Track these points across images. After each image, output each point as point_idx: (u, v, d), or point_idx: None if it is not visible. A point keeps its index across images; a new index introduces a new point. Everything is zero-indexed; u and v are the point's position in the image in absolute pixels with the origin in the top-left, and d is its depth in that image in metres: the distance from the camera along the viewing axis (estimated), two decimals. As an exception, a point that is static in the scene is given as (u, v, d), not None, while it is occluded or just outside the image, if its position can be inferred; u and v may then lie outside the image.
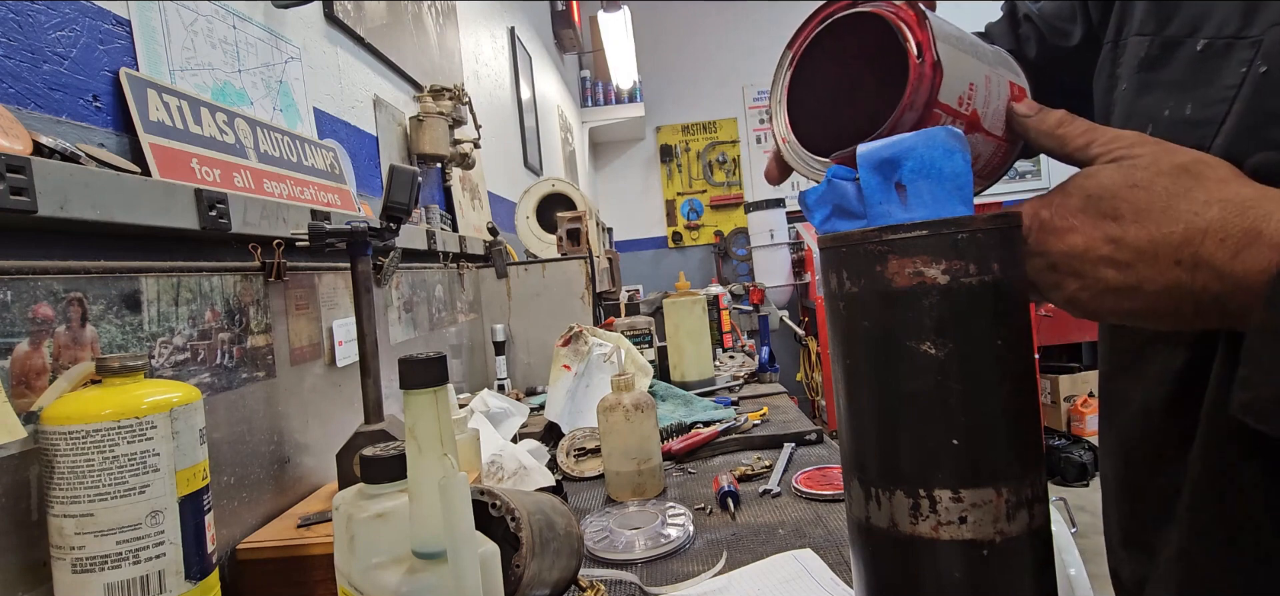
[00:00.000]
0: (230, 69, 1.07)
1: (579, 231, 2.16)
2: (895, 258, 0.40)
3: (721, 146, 6.32)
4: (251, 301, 0.95)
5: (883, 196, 0.44)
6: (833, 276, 0.44)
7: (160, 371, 0.78)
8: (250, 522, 0.90)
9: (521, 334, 2.06)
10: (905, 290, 0.40)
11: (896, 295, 0.40)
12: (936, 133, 0.43)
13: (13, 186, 0.59)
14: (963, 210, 0.43)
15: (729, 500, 1.03)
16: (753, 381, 2.09)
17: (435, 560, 0.48)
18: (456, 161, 1.98)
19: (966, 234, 0.40)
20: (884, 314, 0.41)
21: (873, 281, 0.41)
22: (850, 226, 0.45)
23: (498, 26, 3.13)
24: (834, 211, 0.46)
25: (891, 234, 0.41)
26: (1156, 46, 0.53)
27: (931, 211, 0.43)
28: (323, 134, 1.33)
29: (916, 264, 0.40)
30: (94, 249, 0.71)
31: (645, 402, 1.13)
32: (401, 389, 0.48)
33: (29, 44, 0.71)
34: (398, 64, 1.77)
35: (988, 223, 0.40)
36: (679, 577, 0.83)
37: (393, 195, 0.95)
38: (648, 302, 2.83)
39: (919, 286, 0.40)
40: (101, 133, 0.79)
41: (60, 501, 0.57)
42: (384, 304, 1.43)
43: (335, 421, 1.13)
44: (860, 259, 0.42)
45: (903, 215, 0.43)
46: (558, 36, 4.94)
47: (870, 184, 0.44)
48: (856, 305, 0.43)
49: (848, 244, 0.43)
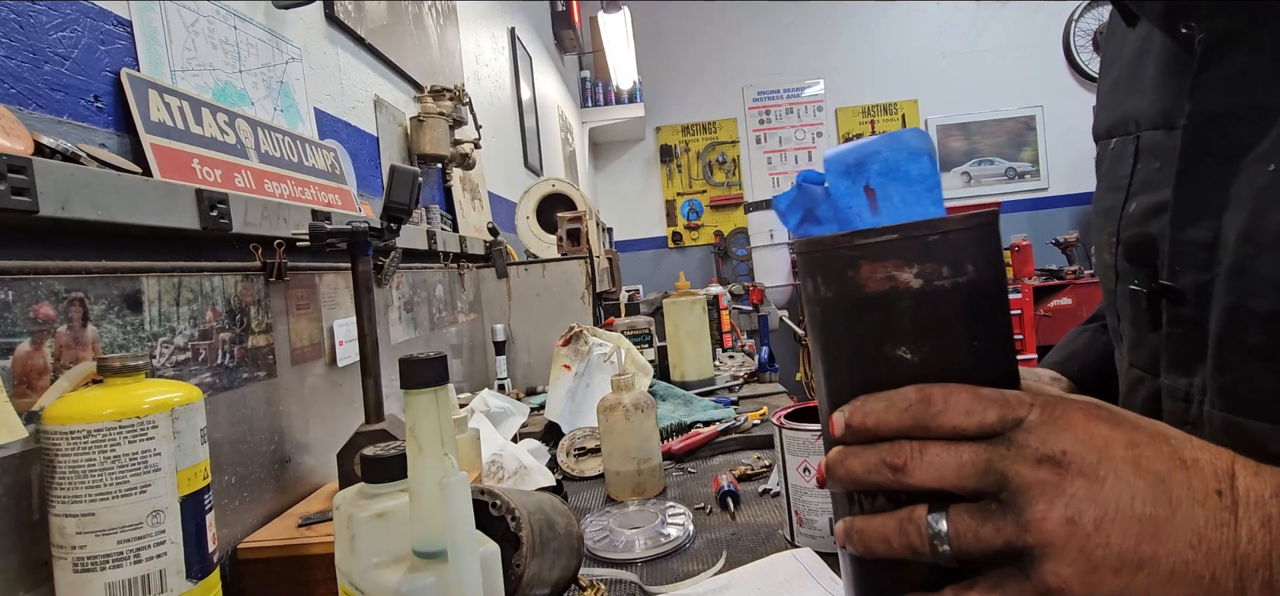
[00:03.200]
0: (231, 69, 1.07)
1: (579, 231, 2.16)
2: (866, 262, 0.39)
3: (721, 147, 6.32)
4: (252, 301, 0.95)
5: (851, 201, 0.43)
6: (809, 281, 0.43)
7: (161, 371, 0.78)
8: (251, 522, 0.90)
9: (522, 334, 2.06)
10: (878, 295, 0.39)
11: (870, 300, 0.39)
12: (902, 135, 0.42)
13: (14, 186, 0.59)
14: (934, 211, 0.42)
15: (729, 499, 1.04)
16: (752, 381, 2.09)
17: (436, 559, 0.48)
18: (457, 162, 1.98)
19: (938, 235, 0.38)
20: (859, 319, 0.40)
21: (845, 286, 0.40)
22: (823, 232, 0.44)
23: (498, 27, 3.13)
24: (805, 217, 0.45)
25: (862, 238, 0.39)
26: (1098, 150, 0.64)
27: (902, 214, 0.42)
28: (323, 134, 1.33)
29: (888, 268, 0.39)
30: (95, 249, 0.72)
31: (645, 402, 1.13)
32: (402, 389, 0.48)
33: (30, 44, 0.71)
34: (398, 64, 1.77)
35: (960, 223, 0.39)
36: (679, 577, 0.83)
37: (393, 195, 0.95)
38: (648, 302, 2.83)
39: (892, 291, 0.39)
40: (103, 133, 0.79)
41: (61, 501, 0.57)
42: (384, 304, 1.43)
43: (336, 421, 1.13)
44: (833, 263, 0.41)
45: (872, 219, 0.43)
46: (558, 37, 4.94)
47: (838, 188, 0.44)
48: (832, 309, 0.42)
49: (820, 248, 0.42)
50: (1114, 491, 0.34)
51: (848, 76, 6.17)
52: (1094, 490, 0.34)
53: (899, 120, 6.21)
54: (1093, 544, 0.34)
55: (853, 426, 0.39)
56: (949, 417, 0.36)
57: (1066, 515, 0.34)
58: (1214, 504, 0.34)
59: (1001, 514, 0.36)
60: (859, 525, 0.40)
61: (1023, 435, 0.36)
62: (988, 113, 6.06)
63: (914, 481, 0.37)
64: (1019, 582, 0.36)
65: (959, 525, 0.36)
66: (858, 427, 0.39)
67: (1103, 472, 0.35)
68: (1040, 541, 0.35)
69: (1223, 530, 0.34)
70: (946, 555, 0.37)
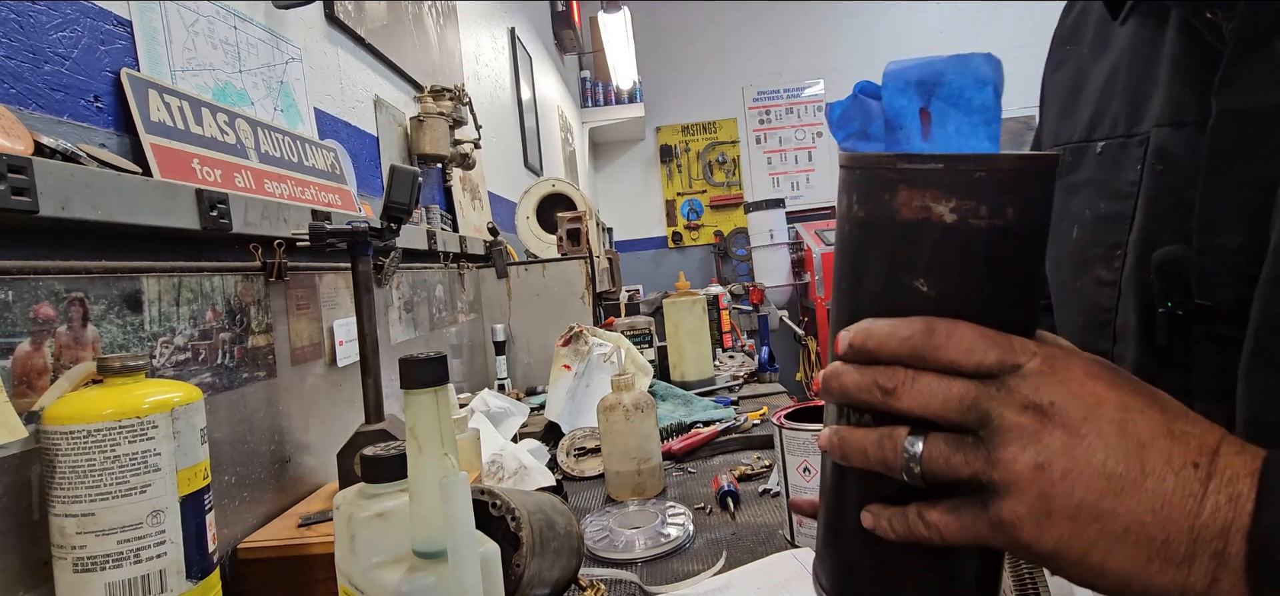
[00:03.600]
0: (231, 69, 1.07)
1: (579, 231, 2.16)
2: (905, 188, 0.37)
3: (721, 147, 6.32)
4: (252, 301, 0.95)
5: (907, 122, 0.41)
6: (844, 198, 0.41)
7: (161, 371, 0.78)
8: (251, 522, 0.90)
9: (521, 334, 2.06)
10: (909, 222, 0.37)
11: (900, 227, 0.38)
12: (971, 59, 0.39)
13: (14, 187, 0.59)
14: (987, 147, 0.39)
15: (729, 499, 1.04)
16: (752, 381, 2.09)
17: (435, 559, 0.48)
18: (457, 162, 1.98)
19: (984, 172, 0.36)
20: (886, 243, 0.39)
21: (879, 208, 0.39)
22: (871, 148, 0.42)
23: (498, 27, 3.13)
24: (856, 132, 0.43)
25: (906, 163, 0.37)
26: (1069, 154, 0.59)
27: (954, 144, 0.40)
28: (323, 134, 1.33)
29: (925, 197, 0.37)
30: (95, 249, 0.72)
31: (645, 402, 1.13)
32: (402, 388, 0.48)
33: (30, 44, 0.71)
34: (398, 64, 1.77)
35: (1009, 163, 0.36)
36: (679, 577, 0.83)
37: (393, 195, 0.95)
38: (648, 302, 2.83)
39: (924, 221, 0.37)
40: (103, 133, 0.79)
41: (61, 501, 0.57)
42: (384, 304, 1.43)
43: (336, 421, 1.13)
44: (872, 183, 0.39)
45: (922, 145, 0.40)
46: (558, 37, 4.94)
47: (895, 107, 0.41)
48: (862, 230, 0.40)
49: (862, 166, 0.40)
50: (1090, 447, 0.35)
51: (848, 76, 6.14)
52: (1071, 443, 0.35)
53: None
54: (1055, 490, 0.35)
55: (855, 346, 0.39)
56: (948, 352, 0.37)
57: (1036, 460, 0.35)
58: (1188, 475, 0.34)
59: (974, 447, 0.36)
60: (842, 433, 0.41)
61: (1016, 380, 0.36)
62: (988, 113, 6.05)
63: (902, 406, 0.38)
64: (976, 510, 0.37)
65: (932, 449, 0.37)
66: (859, 348, 0.39)
67: (1084, 429, 0.35)
68: (1005, 479, 0.35)
69: (1188, 499, 0.34)
70: (917, 476, 0.38)
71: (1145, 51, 0.53)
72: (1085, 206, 0.56)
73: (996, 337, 0.37)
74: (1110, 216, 0.54)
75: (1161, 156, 0.49)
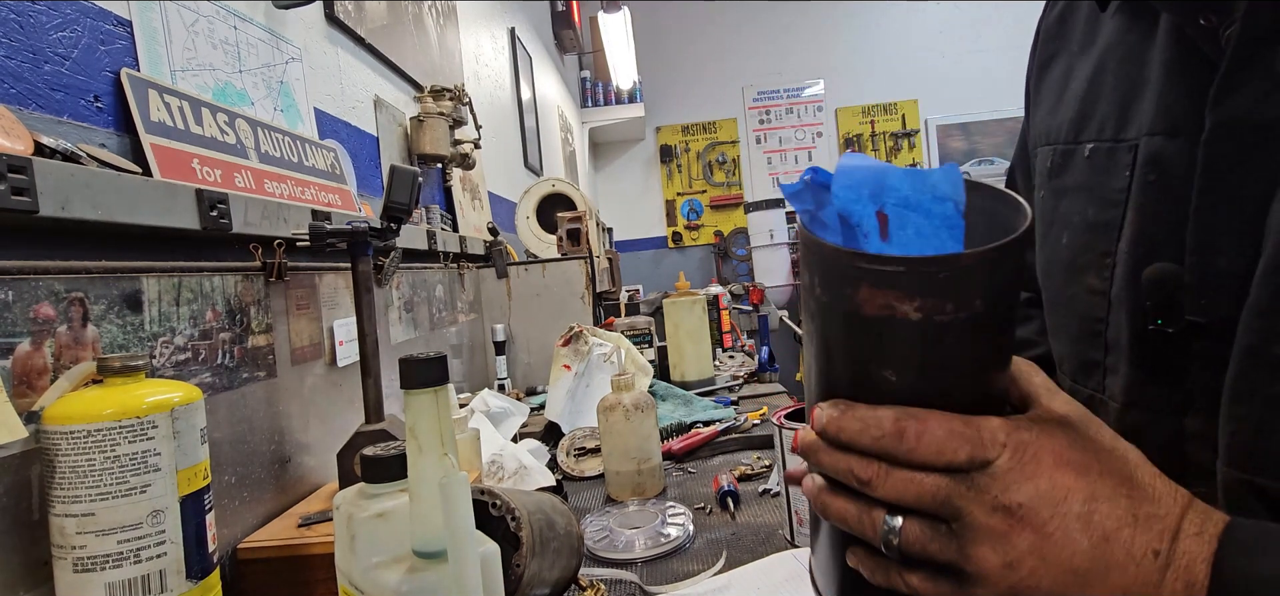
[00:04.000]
0: (231, 69, 1.07)
1: (579, 231, 2.16)
2: (867, 286, 0.36)
3: (721, 147, 6.32)
4: (252, 301, 0.95)
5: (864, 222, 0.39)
6: (806, 275, 0.41)
7: (161, 371, 0.78)
8: (251, 522, 0.90)
9: (521, 334, 2.06)
10: (874, 318, 0.37)
11: (865, 321, 0.37)
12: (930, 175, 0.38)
13: (14, 187, 0.59)
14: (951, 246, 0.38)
15: (729, 499, 1.04)
16: (752, 381, 2.09)
17: (435, 559, 0.48)
18: (457, 162, 1.98)
19: (948, 273, 0.35)
20: (851, 332, 0.39)
21: (842, 299, 0.38)
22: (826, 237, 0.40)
23: (498, 27, 3.13)
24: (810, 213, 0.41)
25: (867, 262, 0.36)
26: (1059, 155, 0.58)
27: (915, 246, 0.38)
28: (323, 134, 1.33)
29: (888, 297, 0.36)
30: (95, 249, 0.72)
31: (645, 402, 1.13)
32: (402, 389, 0.48)
33: (30, 44, 0.71)
34: (398, 64, 1.77)
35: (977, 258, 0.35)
36: (679, 577, 0.83)
37: (393, 195, 0.95)
38: (648, 302, 2.83)
39: (889, 319, 0.36)
40: (103, 133, 0.79)
41: (61, 501, 0.57)
42: (384, 304, 1.43)
43: (336, 421, 1.13)
44: (833, 274, 0.38)
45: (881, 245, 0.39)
46: (558, 37, 4.94)
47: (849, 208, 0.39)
48: (827, 312, 0.40)
49: (821, 256, 0.39)
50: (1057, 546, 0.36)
51: (848, 76, 6.17)
52: (1038, 543, 0.36)
53: (899, 120, 6.22)
54: (1023, 585, 0.37)
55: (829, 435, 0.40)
56: (919, 454, 0.38)
57: (1006, 560, 0.37)
58: (1149, 564, 0.36)
59: (949, 538, 0.38)
60: (825, 496, 0.42)
61: (986, 479, 0.37)
62: (987, 113, 6.06)
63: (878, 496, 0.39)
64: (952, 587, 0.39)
65: (910, 533, 0.39)
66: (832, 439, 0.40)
67: (1052, 528, 0.36)
68: (977, 572, 0.38)
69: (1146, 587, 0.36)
70: (895, 549, 0.39)
71: (1134, 51, 0.51)
72: (1074, 212, 0.55)
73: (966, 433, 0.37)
74: (1100, 224, 0.52)
75: (1154, 165, 0.48)
